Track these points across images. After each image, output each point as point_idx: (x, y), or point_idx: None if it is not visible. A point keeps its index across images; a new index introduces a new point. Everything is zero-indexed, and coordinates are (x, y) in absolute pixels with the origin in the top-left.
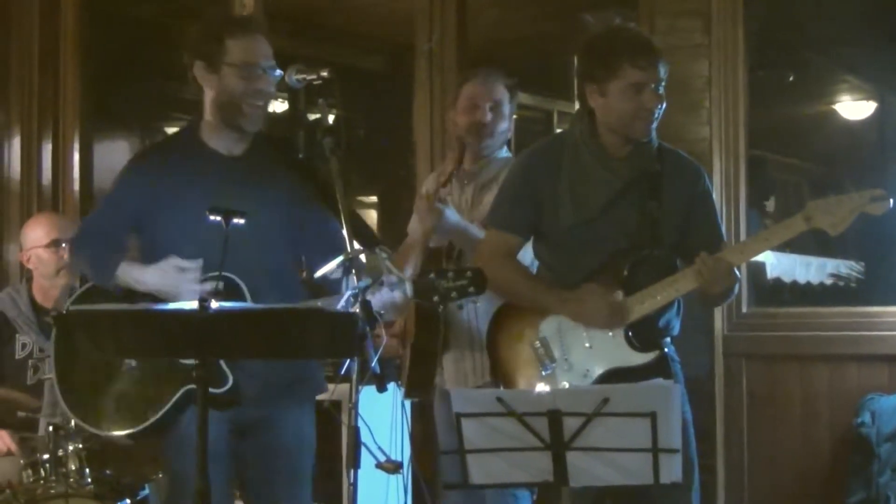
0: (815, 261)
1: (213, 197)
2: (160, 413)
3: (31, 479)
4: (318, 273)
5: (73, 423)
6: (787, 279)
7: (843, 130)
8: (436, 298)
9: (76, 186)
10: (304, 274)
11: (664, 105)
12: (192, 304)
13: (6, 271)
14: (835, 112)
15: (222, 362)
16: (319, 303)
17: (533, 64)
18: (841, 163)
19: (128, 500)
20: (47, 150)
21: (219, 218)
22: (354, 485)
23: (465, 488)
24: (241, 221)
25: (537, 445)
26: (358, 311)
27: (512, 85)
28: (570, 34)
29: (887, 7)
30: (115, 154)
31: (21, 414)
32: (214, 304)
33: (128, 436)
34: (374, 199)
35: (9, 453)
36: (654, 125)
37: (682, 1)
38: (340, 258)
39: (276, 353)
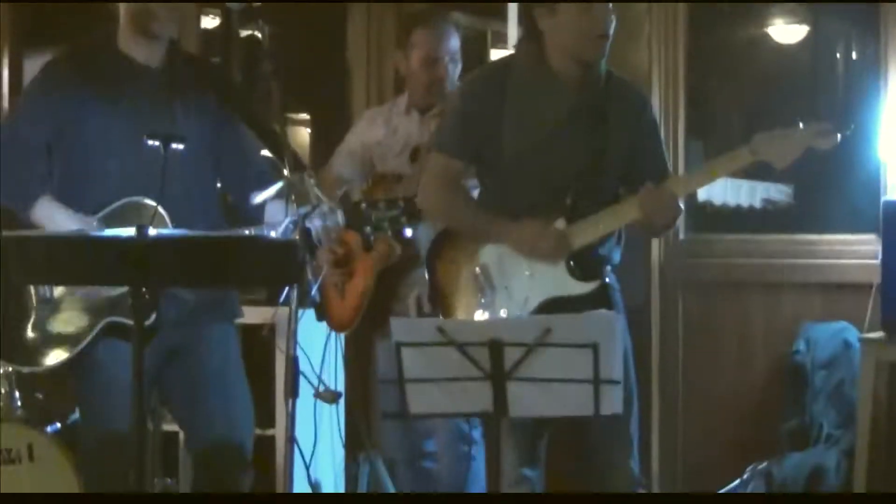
0: (745, 184)
1: (135, 115)
2: (81, 346)
3: None
4: (257, 199)
5: None
6: (717, 202)
7: (777, 54)
8: (368, 229)
9: (5, 104)
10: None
11: (614, 22)
12: (130, 231)
13: None
14: (768, 36)
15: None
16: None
17: None
18: (775, 88)
19: (58, 424)
20: None
21: (157, 143)
22: (292, 414)
23: (403, 418)
24: (181, 147)
25: (478, 375)
26: (297, 238)
27: (459, 24)
28: None
29: None
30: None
31: None
32: (153, 231)
33: (47, 370)
34: (305, 116)
35: None
36: (608, 44)
37: None
38: (280, 184)
39: (215, 282)
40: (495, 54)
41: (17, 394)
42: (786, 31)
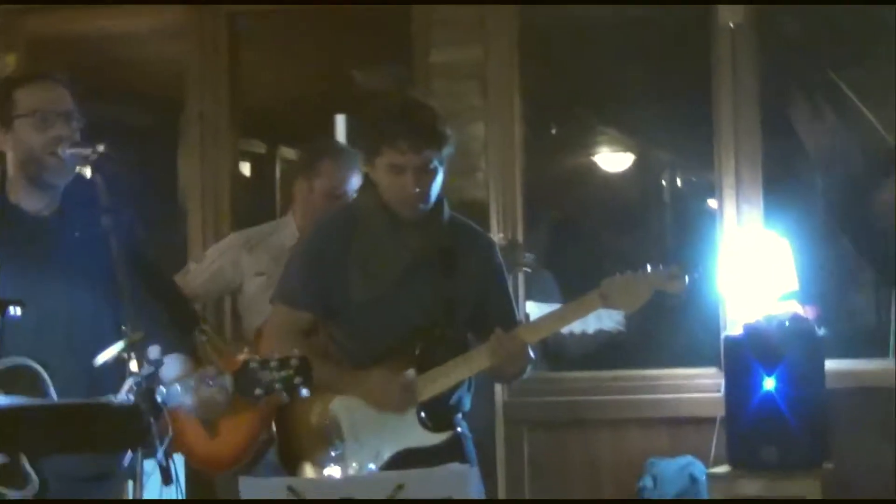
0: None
1: (28, 268)
2: None
3: None
4: (99, 360)
5: None
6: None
7: (604, 182)
8: (258, 392)
9: None
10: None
11: (435, 183)
12: None
13: None
14: (595, 164)
15: (26, 463)
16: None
17: (300, 121)
18: (602, 214)
19: None
20: None
21: None
22: None
23: None
24: (18, 312)
25: None
26: (141, 401)
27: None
28: (339, 92)
29: (649, 64)
30: None
31: None
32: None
33: None
34: None
35: None
36: (427, 205)
37: (457, 64)
38: (122, 343)
39: (60, 448)
40: None
41: None
42: (612, 159)
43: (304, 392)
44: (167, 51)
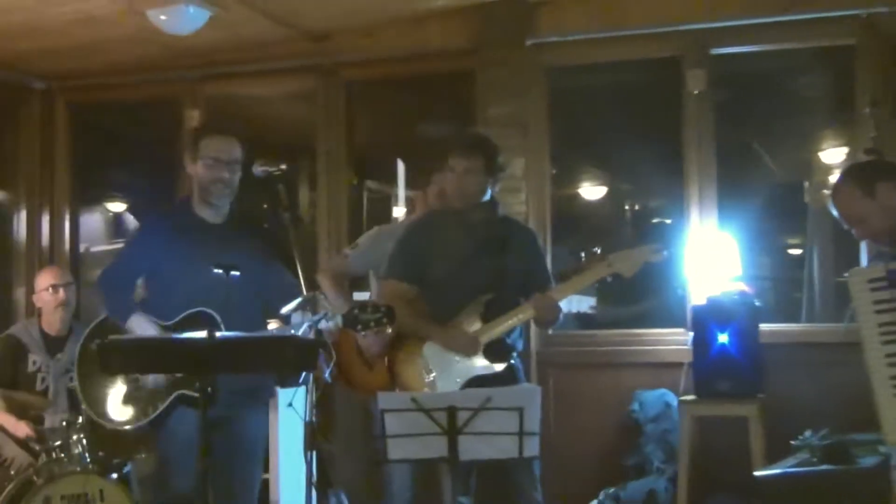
0: (574, 297)
1: (206, 254)
2: (157, 411)
3: (46, 461)
4: (284, 309)
5: (80, 419)
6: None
7: (586, 207)
8: (359, 327)
9: (66, 247)
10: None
11: (481, 184)
12: (202, 333)
13: (15, 310)
14: (579, 195)
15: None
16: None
17: (382, 160)
18: (597, 227)
19: (115, 475)
20: (45, 220)
21: (221, 271)
22: (310, 462)
23: (385, 462)
24: (238, 273)
25: (438, 431)
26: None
27: None
28: (412, 140)
29: (624, 115)
30: (94, 223)
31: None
32: (219, 334)
33: (132, 429)
34: None
35: (27, 438)
36: (466, 199)
37: (506, 116)
38: (300, 299)
39: (261, 369)
40: (396, 210)
41: (86, 454)
42: (592, 191)
43: (389, 330)
44: (292, 110)
